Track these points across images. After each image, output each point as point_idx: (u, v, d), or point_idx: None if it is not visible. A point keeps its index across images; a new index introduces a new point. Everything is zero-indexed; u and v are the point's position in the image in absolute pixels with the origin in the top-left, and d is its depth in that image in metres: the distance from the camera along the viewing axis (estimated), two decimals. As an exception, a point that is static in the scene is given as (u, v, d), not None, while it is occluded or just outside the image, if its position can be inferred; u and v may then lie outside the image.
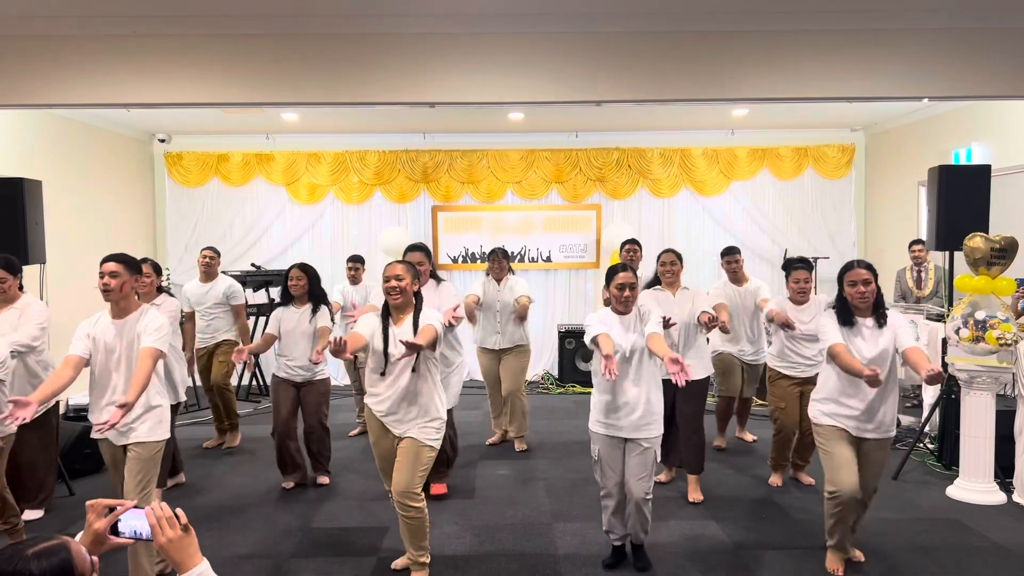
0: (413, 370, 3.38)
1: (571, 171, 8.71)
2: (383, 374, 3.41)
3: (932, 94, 5.04)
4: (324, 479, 5.04)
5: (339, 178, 8.69)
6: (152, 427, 3.35)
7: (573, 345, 8.18)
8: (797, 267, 4.80)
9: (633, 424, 3.51)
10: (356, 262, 6.46)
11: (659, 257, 4.74)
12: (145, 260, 4.63)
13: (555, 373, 8.51)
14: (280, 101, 4.99)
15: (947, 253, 5.49)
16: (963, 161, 6.82)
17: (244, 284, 7.70)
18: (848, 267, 3.49)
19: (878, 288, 3.45)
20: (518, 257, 8.73)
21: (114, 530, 1.68)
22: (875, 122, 8.41)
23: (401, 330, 3.40)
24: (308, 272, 4.88)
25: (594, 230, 8.76)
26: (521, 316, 5.65)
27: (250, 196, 8.71)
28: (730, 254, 5.51)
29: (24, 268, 4.98)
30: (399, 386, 3.40)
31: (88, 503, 1.68)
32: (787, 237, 8.61)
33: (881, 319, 3.45)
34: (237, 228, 8.69)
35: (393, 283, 3.37)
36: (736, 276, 5.47)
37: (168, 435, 3.44)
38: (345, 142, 8.67)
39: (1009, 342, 4.37)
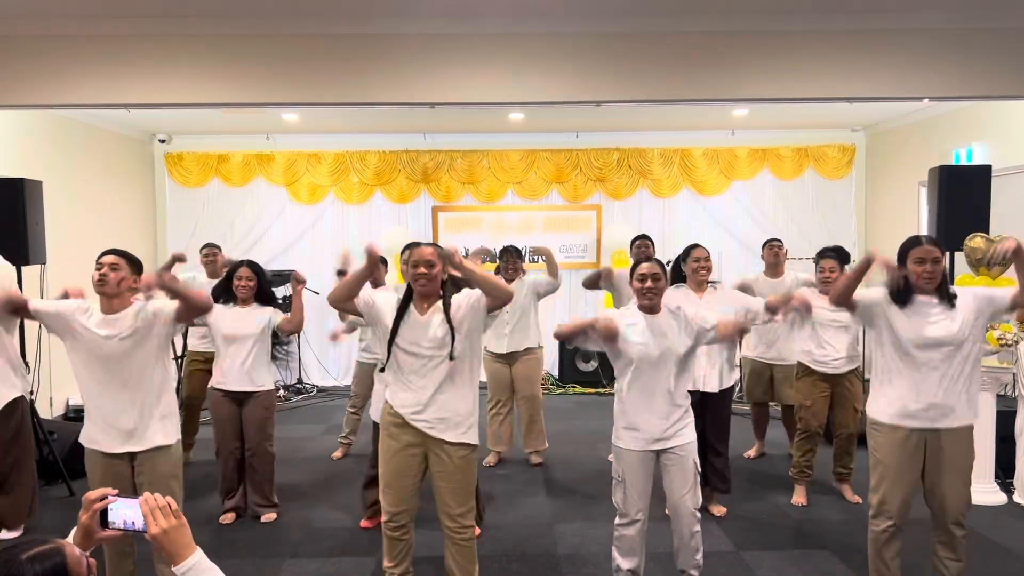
0: (450, 357, 2.99)
1: (571, 171, 8.70)
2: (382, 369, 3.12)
3: (932, 94, 5.04)
4: (270, 515, 4.40)
5: (339, 178, 8.69)
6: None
7: (573, 345, 8.16)
8: (827, 255, 4.53)
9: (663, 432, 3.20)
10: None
11: (690, 252, 4.36)
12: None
13: (555, 373, 8.51)
14: (280, 101, 4.99)
15: (948, 253, 5.48)
16: (964, 161, 6.82)
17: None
18: (915, 242, 3.06)
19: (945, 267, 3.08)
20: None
21: (105, 522, 1.64)
22: (875, 122, 8.40)
23: (427, 319, 3.03)
24: (258, 272, 4.32)
25: (594, 230, 8.75)
26: (551, 270, 5.30)
27: (250, 196, 8.70)
28: (777, 241, 5.41)
29: (24, 268, 5.00)
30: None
31: (85, 496, 1.66)
32: (787, 237, 8.53)
33: (949, 298, 3.03)
34: (237, 228, 8.68)
35: (422, 270, 2.99)
36: (776, 266, 5.29)
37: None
38: (345, 142, 8.67)
39: (1009, 342, 4.37)
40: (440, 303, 3.05)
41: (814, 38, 4.86)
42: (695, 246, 4.39)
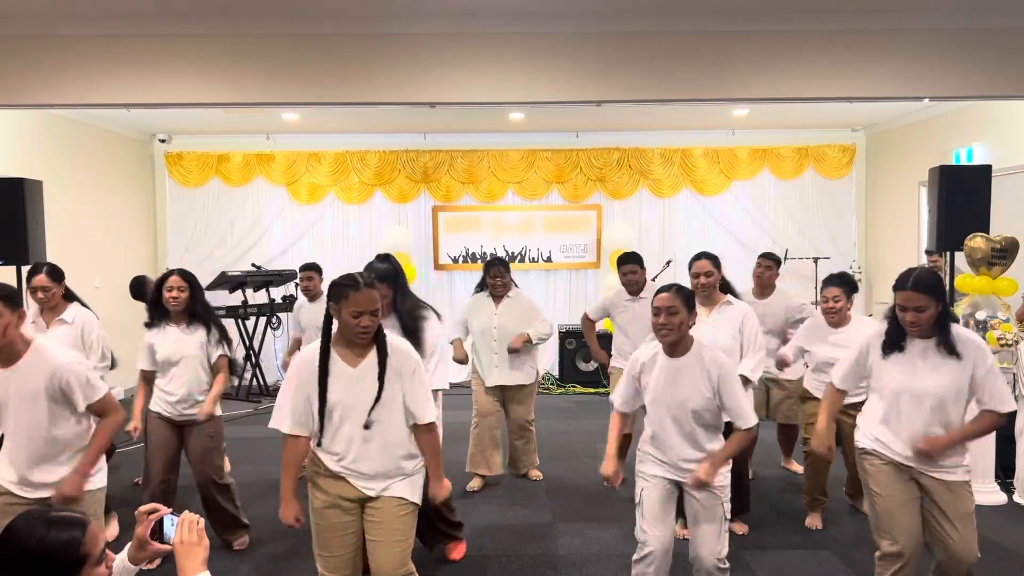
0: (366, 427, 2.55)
1: (572, 171, 8.71)
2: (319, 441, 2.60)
3: (932, 94, 5.04)
4: (243, 540, 3.95)
5: (339, 178, 8.70)
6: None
7: (573, 345, 8.18)
8: (833, 282, 4.03)
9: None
10: (311, 271, 5.22)
11: (690, 265, 3.87)
12: (40, 266, 3.95)
13: (555, 373, 8.51)
14: (280, 101, 4.99)
15: (948, 253, 5.48)
16: (964, 161, 6.82)
17: (244, 284, 7.71)
18: (899, 284, 2.70)
19: (945, 307, 2.69)
20: (519, 257, 8.73)
21: (160, 534, 1.78)
22: (876, 122, 8.41)
23: (360, 373, 2.54)
24: (191, 281, 3.74)
25: (595, 230, 8.75)
26: (513, 349, 4.74)
27: (250, 196, 8.71)
28: (766, 259, 4.76)
29: (24, 268, 4.99)
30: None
31: (137, 511, 1.79)
32: (787, 237, 8.60)
33: (948, 344, 2.68)
34: (237, 228, 8.70)
35: (366, 322, 2.48)
36: (763, 286, 4.74)
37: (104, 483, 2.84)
38: (345, 142, 8.67)
39: (1010, 342, 4.37)
40: (375, 352, 2.55)
41: (814, 38, 4.86)
42: (698, 257, 3.88)
